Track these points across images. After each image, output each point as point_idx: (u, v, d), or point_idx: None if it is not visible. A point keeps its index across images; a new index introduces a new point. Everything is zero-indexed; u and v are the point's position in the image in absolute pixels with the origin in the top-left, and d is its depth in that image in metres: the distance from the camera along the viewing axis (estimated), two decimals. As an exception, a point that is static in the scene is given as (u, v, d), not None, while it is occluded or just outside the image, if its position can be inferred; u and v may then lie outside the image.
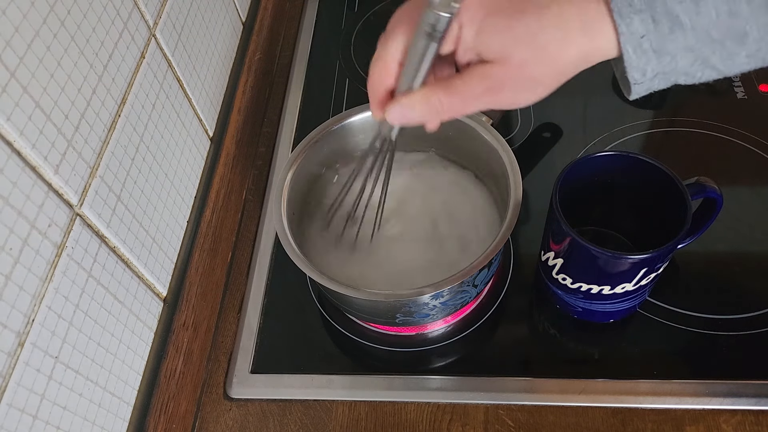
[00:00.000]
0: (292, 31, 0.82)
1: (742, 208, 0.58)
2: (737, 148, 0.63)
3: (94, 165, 0.41)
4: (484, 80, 0.34)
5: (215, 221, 0.59)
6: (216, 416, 0.52)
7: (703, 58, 0.31)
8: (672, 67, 0.32)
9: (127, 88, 0.45)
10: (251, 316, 0.56)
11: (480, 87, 0.34)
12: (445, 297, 0.47)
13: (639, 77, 0.32)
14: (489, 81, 0.34)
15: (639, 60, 0.31)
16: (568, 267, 0.48)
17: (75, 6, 0.39)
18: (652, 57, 0.31)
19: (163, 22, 0.51)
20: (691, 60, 0.31)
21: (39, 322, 0.35)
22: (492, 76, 0.34)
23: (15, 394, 0.33)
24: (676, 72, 0.32)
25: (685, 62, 0.32)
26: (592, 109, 0.68)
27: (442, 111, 0.36)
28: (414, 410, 0.50)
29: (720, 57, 0.31)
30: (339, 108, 0.71)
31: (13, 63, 0.33)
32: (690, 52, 0.31)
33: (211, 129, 0.61)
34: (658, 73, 0.32)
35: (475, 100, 0.35)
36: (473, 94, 0.35)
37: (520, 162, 0.50)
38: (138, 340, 0.46)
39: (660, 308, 0.53)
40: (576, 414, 0.49)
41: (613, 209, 0.53)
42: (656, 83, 0.33)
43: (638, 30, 0.30)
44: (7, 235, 0.33)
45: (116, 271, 0.43)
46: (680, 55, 0.31)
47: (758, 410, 0.48)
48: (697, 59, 0.31)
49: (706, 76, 0.33)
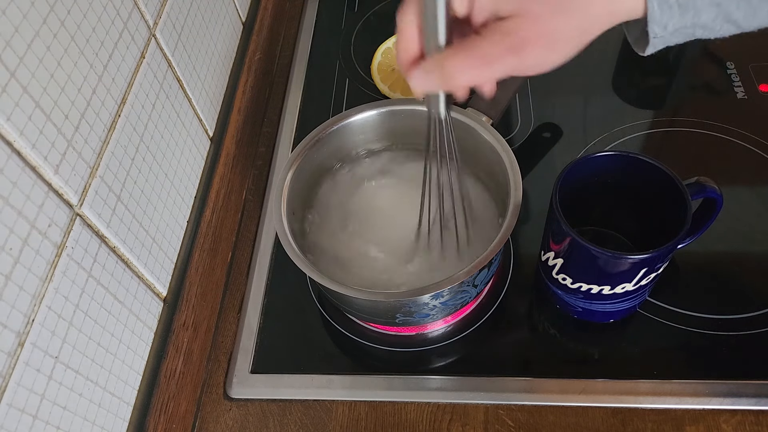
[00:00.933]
0: (292, 31, 0.82)
1: (742, 208, 0.58)
2: (737, 148, 0.63)
3: (94, 165, 0.41)
4: (505, 37, 0.32)
5: (215, 221, 0.59)
6: (216, 416, 0.52)
7: (726, 13, 0.31)
8: (694, 21, 0.31)
9: (127, 88, 0.45)
10: (251, 316, 0.56)
11: (501, 45, 0.32)
12: (445, 297, 0.47)
13: (659, 31, 0.32)
14: (509, 38, 0.32)
15: (663, 15, 0.31)
16: (568, 267, 0.48)
17: (75, 6, 0.39)
18: (676, 12, 0.31)
19: (163, 22, 0.51)
20: (714, 15, 0.31)
21: (39, 322, 0.35)
22: (511, 32, 0.32)
23: (15, 394, 0.33)
24: (696, 26, 0.32)
25: (708, 17, 0.31)
26: (592, 109, 0.68)
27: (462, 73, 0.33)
28: (414, 410, 0.50)
29: (744, 13, 0.31)
30: (339, 108, 0.71)
31: (13, 63, 0.33)
32: (716, 6, 0.30)
33: (211, 129, 0.61)
34: (678, 28, 0.32)
35: (497, 60, 0.32)
36: (494, 54, 0.32)
37: (520, 162, 0.50)
38: (138, 340, 0.46)
39: (660, 308, 0.53)
40: (576, 414, 0.49)
41: (613, 209, 0.53)
42: (674, 38, 0.32)
43: None
44: (7, 235, 0.33)
45: (116, 271, 0.43)
46: (704, 10, 0.31)
47: (758, 410, 0.48)
48: (720, 13, 0.31)
49: (724, 30, 0.32)
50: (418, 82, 0.36)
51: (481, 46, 0.33)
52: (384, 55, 0.71)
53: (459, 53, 0.33)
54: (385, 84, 0.70)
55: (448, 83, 0.35)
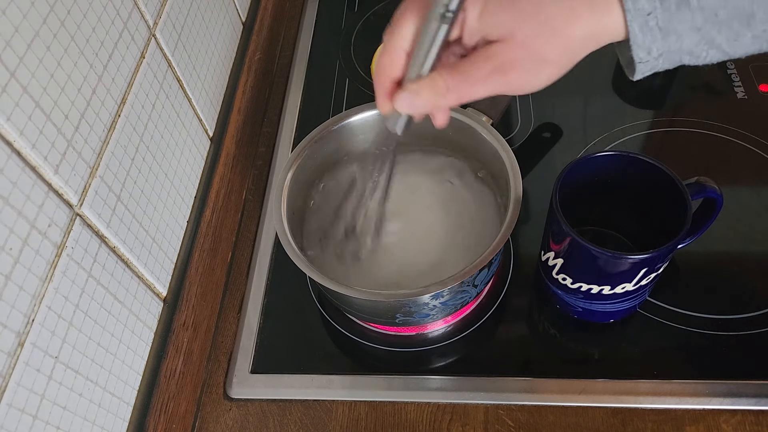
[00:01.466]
0: (292, 31, 0.82)
1: (742, 208, 0.58)
2: (737, 148, 0.63)
3: (94, 165, 0.41)
4: (490, 60, 0.33)
5: (215, 221, 0.59)
6: (216, 416, 0.52)
7: (708, 39, 0.31)
8: (678, 46, 0.31)
9: (127, 88, 0.45)
10: (251, 316, 0.56)
11: (487, 68, 0.33)
12: (445, 297, 0.47)
13: (644, 56, 0.32)
14: (495, 60, 0.33)
15: (645, 38, 0.31)
16: (568, 267, 0.48)
17: (75, 6, 0.39)
18: (658, 35, 0.31)
19: (163, 22, 0.51)
20: (696, 40, 0.31)
21: (39, 322, 0.35)
22: (497, 55, 0.33)
23: (15, 394, 0.33)
24: (681, 51, 0.32)
25: (690, 42, 0.31)
26: (592, 109, 0.68)
27: (449, 94, 0.35)
28: (414, 410, 0.50)
29: (726, 38, 0.31)
30: (339, 108, 0.71)
31: (13, 63, 0.33)
32: (696, 31, 0.31)
33: (211, 129, 0.61)
34: (663, 53, 0.32)
35: (482, 81, 0.34)
36: (480, 76, 0.34)
37: (520, 162, 0.50)
38: (138, 340, 0.46)
39: (660, 308, 0.53)
40: (576, 414, 0.49)
41: (613, 209, 0.53)
42: (661, 63, 0.33)
43: (645, 7, 0.30)
44: (7, 235, 0.33)
45: (116, 271, 0.43)
46: (686, 35, 0.31)
47: (758, 410, 0.48)
48: (702, 39, 0.31)
49: (711, 56, 0.32)
50: (404, 103, 0.37)
51: (472, 68, 0.34)
52: (384, 55, 0.71)
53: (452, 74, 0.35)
54: (385, 84, 0.70)
55: (440, 101, 0.36)
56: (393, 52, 0.36)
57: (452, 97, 0.35)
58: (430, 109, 0.38)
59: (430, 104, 0.36)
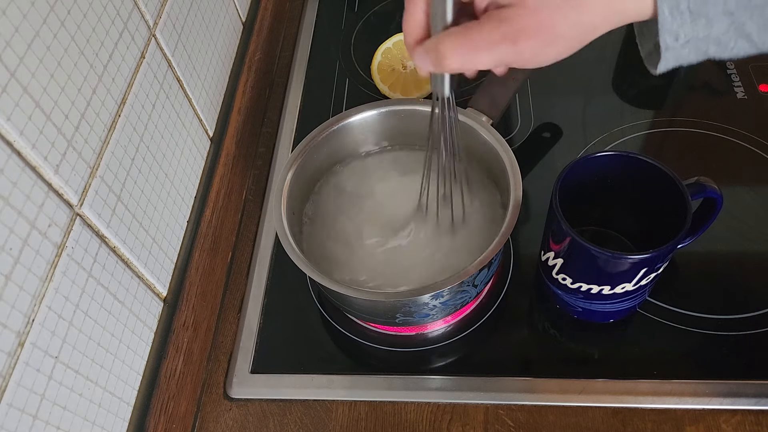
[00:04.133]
0: (292, 31, 0.82)
1: (742, 208, 0.58)
2: (737, 148, 0.63)
3: (94, 165, 0.41)
4: (501, 25, 0.32)
5: (215, 221, 0.59)
6: (216, 416, 0.52)
7: (739, 25, 0.30)
8: (706, 33, 0.30)
9: (127, 88, 0.45)
10: (251, 316, 0.56)
11: (496, 33, 0.32)
12: (445, 297, 0.47)
13: (671, 42, 0.31)
14: (505, 26, 0.31)
15: (674, 21, 0.30)
16: (568, 267, 0.48)
17: (75, 6, 0.39)
18: (687, 19, 0.30)
19: (163, 22, 0.51)
20: (726, 26, 0.30)
21: (39, 322, 0.35)
22: (507, 21, 0.31)
23: (15, 394, 0.33)
24: (708, 40, 0.31)
25: (720, 28, 0.30)
26: (592, 109, 0.68)
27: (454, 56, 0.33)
28: (414, 410, 0.50)
29: (757, 24, 0.30)
30: (339, 108, 0.71)
31: (13, 63, 0.33)
32: (728, 16, 0.30)
33: (211, 129, 0.61)
34: (690, 39, 0.31)
35: (491, 47, 0.32)
36: (489, 40, 0.32)
37: (520, 162, 0.50)
38: (138, 340, 0.46)
39: (660, 308, 0.53)
40: (576, 414, 0.49)
41: (613, 209, 0.53)
42: (686, 52, 0.31)
43: None
44: (7, 235, 0.33)
45: (116, 271, 0.43)
46: (716, 20, 0.30)
47: (758, 410, 0.48)
48: (732, 25, 0.30)
49: (738, 47, 0.31)
50: (418, 61, 0.36)
51: (478, 32, 0.33)
52: (384, 55, 0.71)
53: (454, 37, 0.34)
54: (385, 84, 0.70)
55: (441, 65, 0.35)
56: (414, 13, 0.35)
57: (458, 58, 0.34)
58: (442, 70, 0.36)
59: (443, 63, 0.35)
